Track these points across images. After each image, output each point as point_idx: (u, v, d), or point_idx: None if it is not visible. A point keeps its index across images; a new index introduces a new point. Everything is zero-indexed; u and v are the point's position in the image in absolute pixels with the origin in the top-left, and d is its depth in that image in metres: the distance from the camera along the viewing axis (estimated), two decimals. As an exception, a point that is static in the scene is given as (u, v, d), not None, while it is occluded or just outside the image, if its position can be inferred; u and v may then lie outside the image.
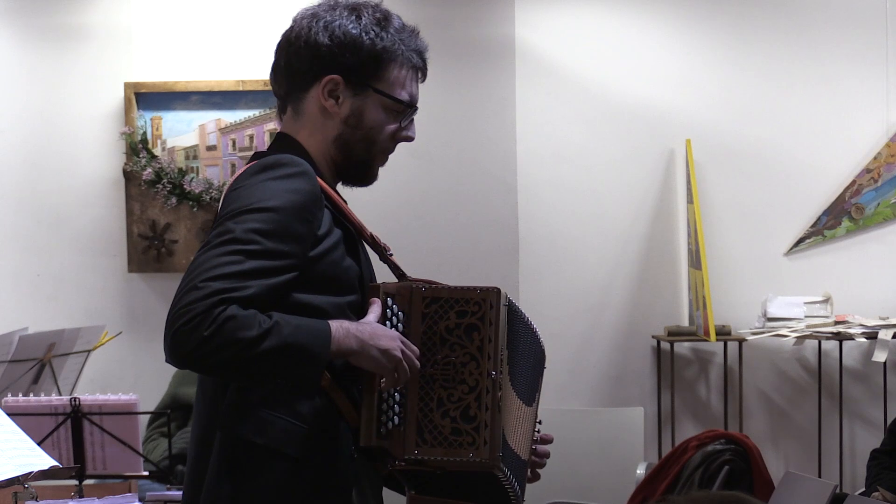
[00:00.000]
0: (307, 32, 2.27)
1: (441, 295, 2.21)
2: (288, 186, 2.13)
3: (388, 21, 2.30)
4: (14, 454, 3.17)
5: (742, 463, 4.61)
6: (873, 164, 5.85)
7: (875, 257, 5.88)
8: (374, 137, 2.29)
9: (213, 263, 2.04)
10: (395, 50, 2.28)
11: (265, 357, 2.01)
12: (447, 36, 5.75)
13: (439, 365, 2.19)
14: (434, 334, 2.19)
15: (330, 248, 2.17)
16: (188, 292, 2.02)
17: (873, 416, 5.82)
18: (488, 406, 2.17)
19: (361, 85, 2.26)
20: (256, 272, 2.05)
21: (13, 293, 5.88)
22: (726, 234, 5.87)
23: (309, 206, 2.13)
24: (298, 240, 2.11)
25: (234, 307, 2.00)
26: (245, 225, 2.08)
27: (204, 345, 1.98)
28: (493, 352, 2.18)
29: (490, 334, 2.19)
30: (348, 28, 2.26)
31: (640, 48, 5.89)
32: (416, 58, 2.32)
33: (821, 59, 5.86)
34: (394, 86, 2.28)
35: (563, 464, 5.20)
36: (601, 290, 5.91)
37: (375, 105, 2.27)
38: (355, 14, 2.28)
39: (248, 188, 2.16)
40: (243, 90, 5.78)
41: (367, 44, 2.25)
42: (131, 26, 5.84)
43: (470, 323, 2.19)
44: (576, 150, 5.90)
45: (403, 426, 2.17)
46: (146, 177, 5.76)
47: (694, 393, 5.93)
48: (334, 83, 2.26)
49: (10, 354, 4.59)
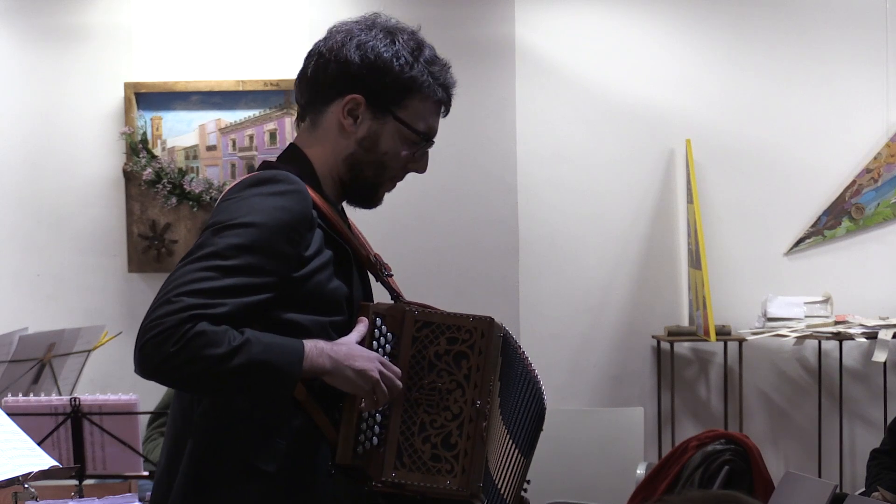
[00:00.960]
0: (339, 47, 2.24)
1: (433, 320, 2.18)
2: (277, 204, 2.10)
3: (421, 51, 2.28)
4: (14, 454, 3.17)
5: (742, 463, 4.61)
6: (873, 164, 5.85)
7: (875, 257, 5.88)
8: (385, 163, 2.26)
9: (189, 278, 2.02)
10: (423, 81, 2.26)
11: (233, 374, 2.00)
12: (447, 36, 5.75)
13: (425, 390, 2.16)
14: (423, 359, 2.17)
15: (317, 269, 2.14)
16: (161, 305, 2.00)
17: (873, 416, 5.82)
18: (470, 435, 2.14)
19: (383, 110, 2.24)
20: (232, 289, 2.03)
21: (13, 293, 5.88)
22: (726, 234, 5.87)
23: (296, 226, 2.10)
24: (281, 258, 2.08)
25: (204, 323, 1.98)
26: (227, 240, 2.05)
27: (170, 359, 1.97)
28: (481, 381, 2.16)
29: (479, 363, 2.16)
30: (380, 51, 2.24)
31: (640, 48, 5.89)
32: (441, 92, 2.30)
33: (821, 59, 5.86)
34: (415, 117, 2.26)
35: (563, 464, 5.21)
36: (601, 290, 5.91)
37: (393, 132, 2.25)
38: (390, 38, 2.26)
39: (237, 201, 2.12)
40: (243, 90, 5.78)
41: (397, 70, 2.23)
42: (131, 26, 5.84)
43: (459, 350, 2.17)
44: (576, 150, 5.90)
45: (383, 448, 2.14)
46: (146, 177, 5.76)
47: (694, 393, 5.93)
48: (356, 103, 2.23)
49: (10, 354, 4.59)
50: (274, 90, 5.78)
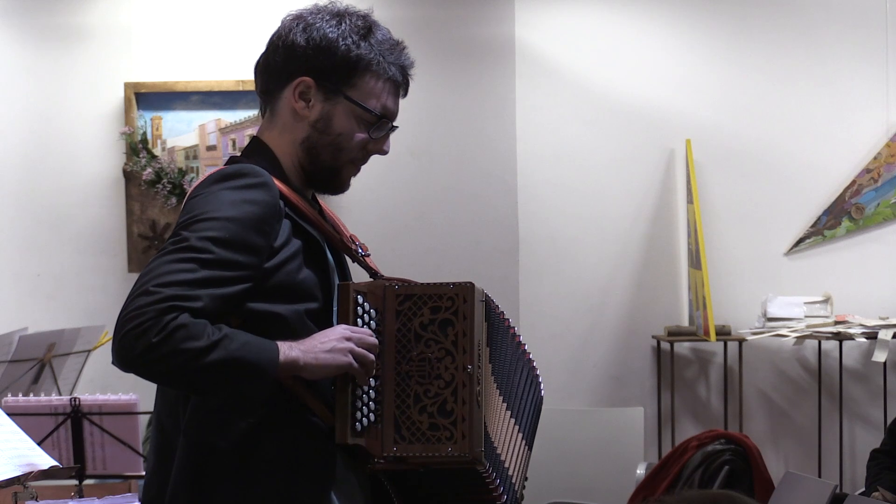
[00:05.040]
0: (287, 32, 2.30)
1: (414, 291, 2.20)
2: (245, 197, 2.11)
3: (371, 31, 2.28)
4: (14, 454, 3.17)
5: (742, 463, 4.62)
6: (873, 164, 5.85)
7: (875, 257, 5.88)
8: (341, 144, 2.26)
9: (166, 270, 2.02)
10: (372, 60, 2.26)
11: (211, 369, 2.00)
12: (447, 36, 5.75)
13: (415, 361, 2.17)
14: (408, 331, 2.18)
15: (286, 260, 2.15)
16: (139, 296, 2.00)
17: (873, 416, 5.82)
18: (465, 400, 2.15)
19: (333, 90, 2.25)
20: (209, 281, 2.03)
21: (13, 293, 5.88)
22: (726, 234, 5.87)
23: (266, 218, 2.12)
24: (253, 251, 2.09)
25: (185, 315, 1.99)
26: (200, 233, 2.06)
27: (150, 351, 1.97)
28: (469, 346, 2.17)
29: (465, 328, 2.18)
30: (326, 32, 2.26)
31: (640, 48, 5.89)
32: (394, 71, 2.29)
33: (821, 59, 5.86)
34: (366, 96, 2.26)
35: (563, 464, 5.21)
36: (601, 290, 5.91)
37: (346, 112, 2.26)
38: (337, 19, 2.28)
39: (205, 196, 2.13)
40: (243, 90, 5.78)
41: (343, 49, 2.24)
42: (131, 26, 5.84)
43: (444, 318, 2.18)
44: (576, 150, 5.90)
45: (380, 424, 2.16)
46: (146, 177, 5.76)
47: (694, 393, 5.93)
48: (305, 85, 2.25)
49: (10, 354, 4.59)
50: (274, 90, 5.77)
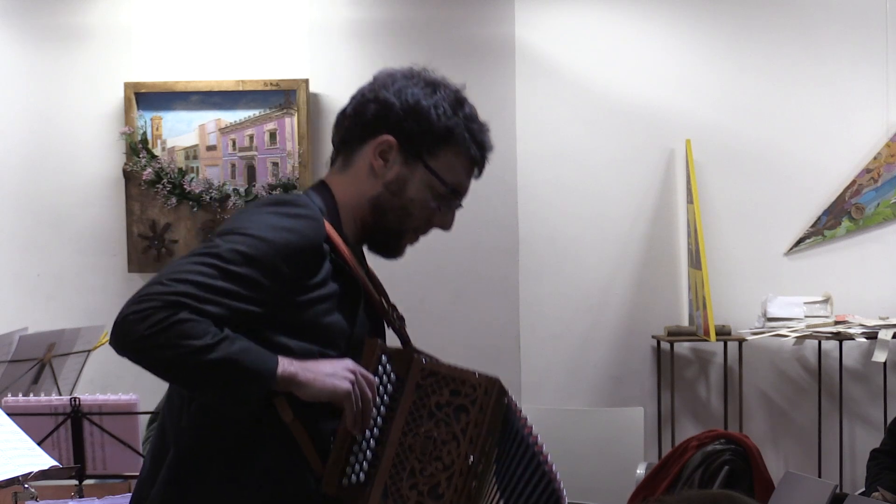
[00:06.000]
0: (380, 88, 2.26)
1: (440, 370, 2.17)
2: (287, 224, 2.10)
3: (461, 105, 2.29)
4: (14, 454, 3.17)
5: (742, 463, 4.61)
6: (873, 164, 5.85)
7: (875, 257, 5.88)
8: (410, 210, 2.26)
9: (187, 268, 2.02)
10: (459, 134, 2.26)
11: (207, 367, 1.99)
12: (447, 36, 5.75)
13: (420, 437, 2.14)
14: (423, 406, 2.16)
15: (318, 299, 2.13)
16: (152, 285, 2.01)
17: (873, 416, 5.82)
18: (458, 489, 2.10)
19: (414, 156, 2.24)
20: (225, 292, 2.02)
21: (13, 293, 5.88)
22: (726, 234, 5.87)
23: (301, 250, 2.10)
24: (278, 278, 2.07)
25: (186, 312, 1.98)
26: (231, 245, 2.06)
27: (146, 339, 1.97)
28: (477, 437, 2.13)
29: (478, 419, 2.13)
30: (420, 98, 2.25)
31: (640, 48, 5.89)
32: (475, 150, 2.30)
33: (821, 59, 5.86)
34: (446, 169, 2.26)
35: (563, 464, 5.19)
36: (601, 290, 5.91)
37: (421, 180, 2.25)
38: (431, 88, 2.27)
39: (249, 214, 2.14)
40: (243, 90, 5.78)
41: (434, 118, 2.24)
42: (131, 26, 5.84)
43: (461, 404, 2.15)
44: (576, 150, 5.90)
45: (369, 486, 2.13)
46: (146, 177, 5.76)
47: (694, 393, 5.93)
48: (388, 144, 2.24)
49: (10, 354, 4.59)
50: (274, 90, 5.78)
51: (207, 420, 2.13)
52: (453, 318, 5.80)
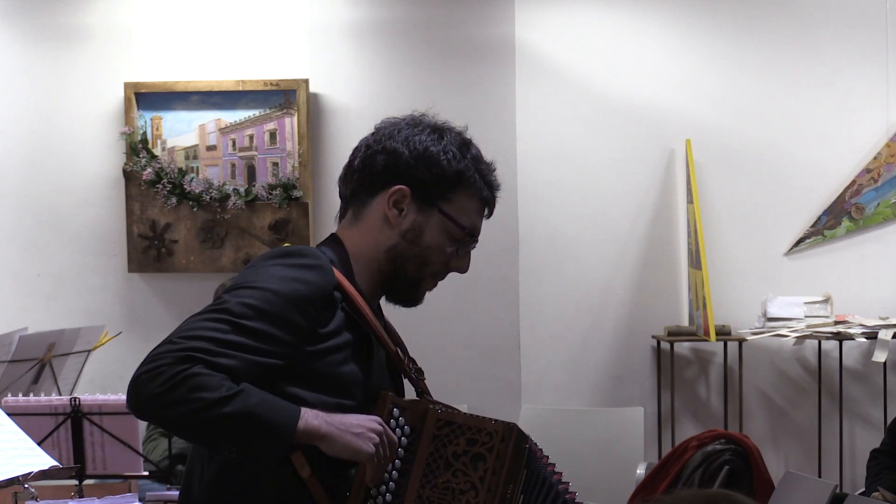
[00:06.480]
0: (387, 139, 2.26)
1: (456, 420, 2.16)
2: (295, 275, 2.10)
3: (468, 147, 2.30)
4: (14, 454, 3.17)
5: (742, 463, 4.61)
6: (873, 164, 5.85)
7: (875, 257, 5.87)
8: (428, 257, 2.26)
9: (198, 325, 2.02)
10: (470, 177, 2.27)
11: (224, 421, 1.96)
12: (447, 36, 5.75)
13: (438, 489, 2.13)
14: (440, 457, 2.14)
15: (331, 349, 2.12)
16: (163, 345, 2.00)
17: (873, 416, 5.82)
18: None
19: (428, 202, 2.25)
20: (238, 346, 2.01)
21: (13, 293, 5.88)
22: (726, 234, 5.87)
23: (312, 300, 2.09)
24: (291, 329, 2.06)
25: (200, 366, 1.96)
26: (240, 299, 2.05)
27: (160, 396, 1.95)
28: (495, 485, 2.11)
29: (496, 467, 2.12)
30: (428, 144, 2.26)
31: (640, 48, 5.89)
32: (486, 191, 2.31)
33: (821, 59, 5.86)
34: (460, 212, 2.27)
35: (563, 464, 5.19)
36: (601, 290, 5.91)
37: (437, 225, 2.26)
38: (437, 133, 2.28)
39: (257, 268, 2.13)
40: (243, 90, 5.78)
41: (444, 163, 2.25)
42: (131, 26, 5.84)
43: (478, 452, 2.13)
44: (576, 150, 5.90)
45: None
46: (146, 177, 5.76)
47: (694, 393, 5.93)
48: (402, 194, 2.24)
49: (10, 354, 4.59)
50: (274, 90, 5.78)
51: (225, 477, 2.12)
52: (453, 318, 5.80)
